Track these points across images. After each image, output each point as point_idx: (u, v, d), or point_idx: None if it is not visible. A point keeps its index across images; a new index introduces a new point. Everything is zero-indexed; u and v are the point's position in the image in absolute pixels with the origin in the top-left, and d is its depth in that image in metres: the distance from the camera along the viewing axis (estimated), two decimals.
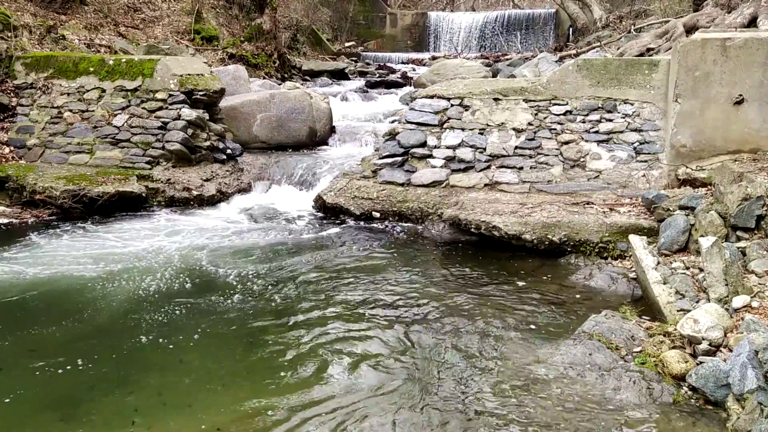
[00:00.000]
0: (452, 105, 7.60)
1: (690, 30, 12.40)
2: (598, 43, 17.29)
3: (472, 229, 6.37)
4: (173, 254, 6.15)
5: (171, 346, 4.33)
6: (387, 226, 7.01)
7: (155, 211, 7.62)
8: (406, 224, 7.01)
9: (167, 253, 6.19)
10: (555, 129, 7.22)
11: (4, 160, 8.30)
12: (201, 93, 8.43)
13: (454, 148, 7.38)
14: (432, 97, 7.77)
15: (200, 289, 5.33)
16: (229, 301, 5.08)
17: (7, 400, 3.67)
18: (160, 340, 4.42)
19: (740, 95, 6.35)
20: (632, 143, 6.99)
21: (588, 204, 6.47)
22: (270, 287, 5.36)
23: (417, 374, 3.94)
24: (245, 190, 8.48)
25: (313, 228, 7.13)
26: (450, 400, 3.64)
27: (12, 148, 8.52)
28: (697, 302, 4.36)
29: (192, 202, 7.86)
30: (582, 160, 7.04)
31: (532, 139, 7.24)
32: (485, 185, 7.16)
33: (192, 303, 5.03)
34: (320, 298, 5.12)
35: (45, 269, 5.70)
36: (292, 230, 7.04)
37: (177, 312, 4.86)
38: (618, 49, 14.73)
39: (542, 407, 3.54)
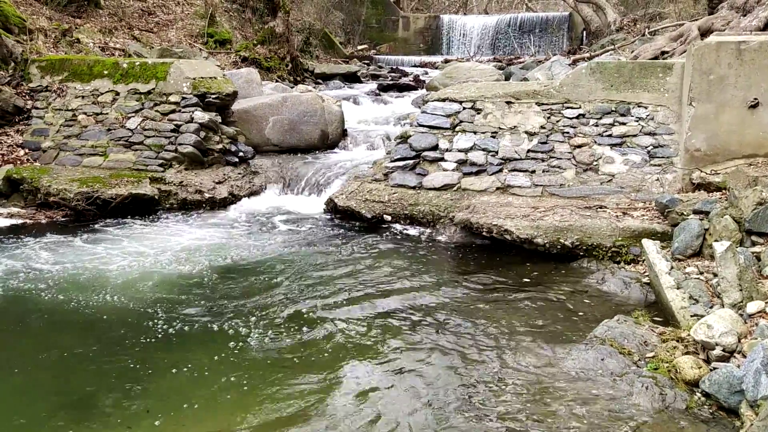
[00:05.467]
0: (464, 108, 7.59)
1: (705, 33, 12.29)
2: (612, 47, 17.18)
3: (484, 233, 6.35)
4: (182, 256, 6.18)
5: (181, 349, 4.35)
6: (398, 230, 7.01)
7: (167, 213, 7.66)
8: (417, 227, 7.00)
9: (177, 254, 6.22)
10: (568, 132, 7.18)
11: (19, 162, 8.39)
12: (214, 96, 8.48)
13: (466, 151, 7.36)
14: (444, 100, 7.76)
15: (208, 290, 5.34)
16: (239, 304, 5.09)
17: (24, 398, 3.70)
18: (171, 342, 4.44)
19: (755, 99, 6.28)
20: (646, 147, 6.94)
21: (601, 208, 6.43)
22: (280, 290, 5.37)
23: (427, 377, 3.93)
24: (257, 192, 8.51)
25: (324, 231, 7.13)
26: (458, 403, 3.62)
27: (27, 151, 8.60)
28: (711, 307, 4.33)
29: (204, 205, 7.90)
30: (595, 163, 7.00)
31: (545, 143, 7.20)
32: (497, 189, 7.13)
33: (202, 306, 5.04)
34: (329, 301, 5.12)
35: (54, 270, 5.74)
36: (302, 233, 7.05)
37: (187, 314, 4.88)
38: (632, 52, 14.64)
39: (553, 412, 3.51)
